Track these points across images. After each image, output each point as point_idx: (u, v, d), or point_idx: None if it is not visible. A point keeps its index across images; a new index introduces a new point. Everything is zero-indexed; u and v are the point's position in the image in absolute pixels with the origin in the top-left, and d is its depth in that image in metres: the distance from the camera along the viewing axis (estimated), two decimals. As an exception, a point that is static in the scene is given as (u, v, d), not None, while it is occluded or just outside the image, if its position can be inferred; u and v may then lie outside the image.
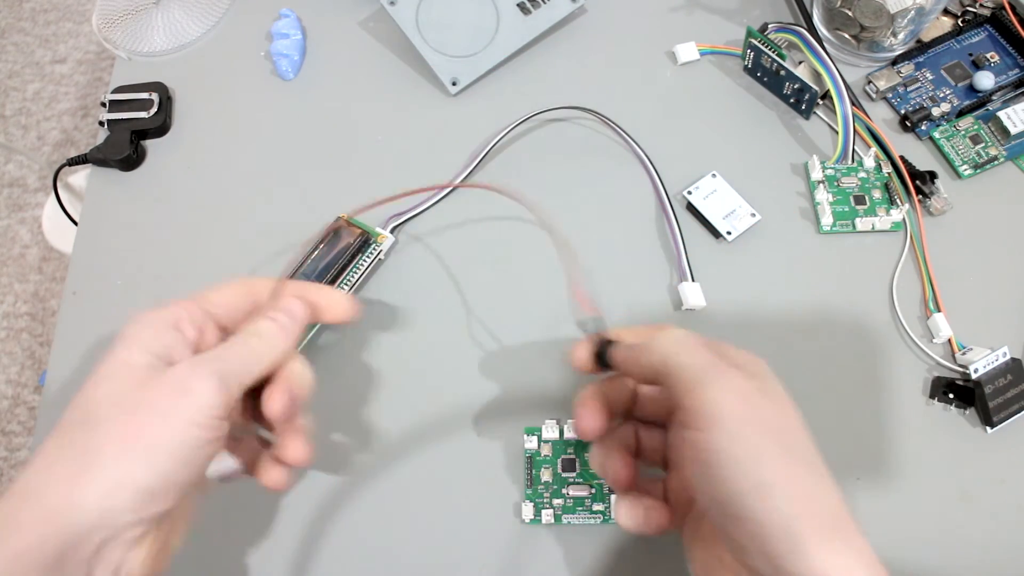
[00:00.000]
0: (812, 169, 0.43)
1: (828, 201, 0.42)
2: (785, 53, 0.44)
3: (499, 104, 0.47)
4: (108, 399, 0.25)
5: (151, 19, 0.53)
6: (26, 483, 0.24)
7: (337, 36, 0.51)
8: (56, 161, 1.30)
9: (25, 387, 1.17)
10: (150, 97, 0.48)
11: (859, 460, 0.37)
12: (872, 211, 0.42)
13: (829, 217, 0.41)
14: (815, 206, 0.42)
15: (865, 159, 0.43)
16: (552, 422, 0.38)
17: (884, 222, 0.41)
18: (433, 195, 0.44)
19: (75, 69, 1.41)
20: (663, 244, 0.43)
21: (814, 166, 0.43)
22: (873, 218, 0.41)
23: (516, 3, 0.48)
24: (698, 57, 0.48)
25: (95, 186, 0.48)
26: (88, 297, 0.44)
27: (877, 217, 0.41)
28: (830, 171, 0.43)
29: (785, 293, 0.41)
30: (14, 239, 1.27)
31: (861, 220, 0.41)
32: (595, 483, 0.36)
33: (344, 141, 0.47)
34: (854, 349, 0.39)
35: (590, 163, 0.45)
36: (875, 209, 0.42)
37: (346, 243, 0.42)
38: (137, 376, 0.26)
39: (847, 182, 0.42)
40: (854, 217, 0.42)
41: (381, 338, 0.41)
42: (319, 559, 0.36)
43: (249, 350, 0.28)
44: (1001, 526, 0.36)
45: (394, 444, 0.39)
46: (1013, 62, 0.45)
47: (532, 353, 0.40)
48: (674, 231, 0.42)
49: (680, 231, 0.42)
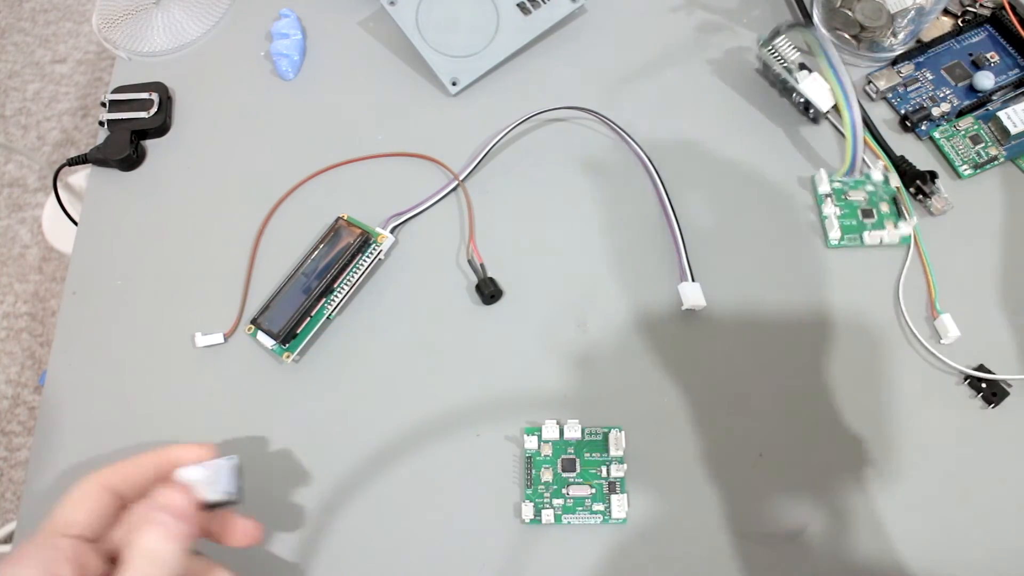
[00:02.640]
0: (819, 183, 0.43)
1: (836, 215, 0.42)
2: (793, 66, 0.43)
3: (499, 104, 0.47)
4: None
5: (151, 19, 0.53)
6: None
7: (337, 36, 0.51)
8: (56, 161, 1.30)
9: (25, 387, 1.17)
10: (150, 97, 0.48)
11: (859, 460, 0.37)
12: (880, 224, 0.41)
13: (837, 231, 0.41)
14: (823, 220, 0.42)
15: (873, 172, 0.43)
16: (552, 422, 0.38)
17: (893, 235, 0.41)
18: (434, 195, 0.44)
19: (75, 69, 1.41)
20: (664, 244, 0.42)
21: (821, 180, 0.42)
22: (881, 232, 0.41)
23: (516, 3, 0.48)
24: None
25: (95, 186, 0.48)
26: (88, 297, 0.44)
27: (885, 231, 0.41)
28: (837, 184, 0.43)
29: (788, 294, 0.41)
30: (14, 239, 1.27)
31: (869, 234, 0.41)
32: (595, 483, 0.36)
33: (344, 141, 0.47)
34: (856, 349, 0.39)
35: (590, 163, 0.45)
36: (883, 223, 0.41)
37: (346, 243, 0.42)
38: None
39: (854, 196, 0.42)
40: (862, 231, 0.41)
41: (381, 338, 0.41)
42: (320, 559, 0.36)
43: None
44: (1001, 526, 0.36)
45: (394, 444, 0.39)
46: (1013, 62, 0.45)
47: (532, 353, 0.40)
48: (674, 231, 0.42)
49: (680, 231, 0.42)
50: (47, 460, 0.40)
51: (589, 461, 0.37)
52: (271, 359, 0.41)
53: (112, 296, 0.44)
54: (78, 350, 0.42)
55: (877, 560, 0.35)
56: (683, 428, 0.38)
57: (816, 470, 0.37)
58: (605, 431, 0.37)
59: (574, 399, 0.39)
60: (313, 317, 0.40)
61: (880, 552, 0.35)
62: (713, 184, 0.44)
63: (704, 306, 0.40)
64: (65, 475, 0.39)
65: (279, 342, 0.40)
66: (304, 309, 0.40)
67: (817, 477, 0.37)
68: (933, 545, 0.35)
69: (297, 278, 0.41)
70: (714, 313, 0.41)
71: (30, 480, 0.39)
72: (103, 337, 0.43)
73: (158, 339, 0.42)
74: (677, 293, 0.41)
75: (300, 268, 0.41)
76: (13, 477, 1.12)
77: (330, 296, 0.41)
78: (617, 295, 0.41)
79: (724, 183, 0.44)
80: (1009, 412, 0.38)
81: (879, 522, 0.36)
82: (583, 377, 0.40)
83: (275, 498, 0.38)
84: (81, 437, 0.40)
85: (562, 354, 0.40)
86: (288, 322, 0.40)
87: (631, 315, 0.41)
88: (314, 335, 0.41)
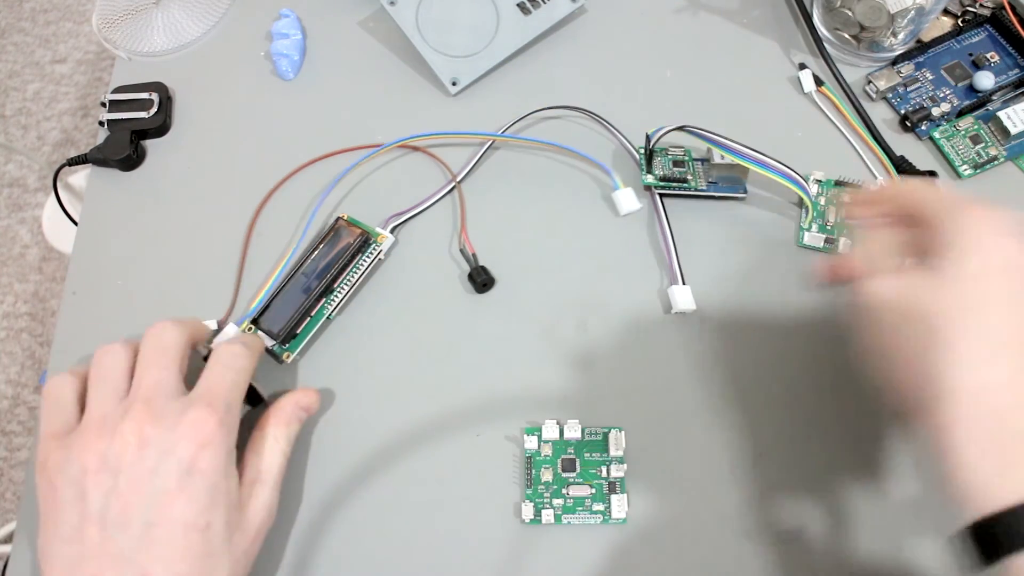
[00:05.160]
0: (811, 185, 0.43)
1: (818, 224, 0.42)
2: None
3: (499, 104, 0.47)
4: None
5: (151, 19, 0.53)
6: None
7: (337, 36, 0.51)
8: (56, 161, 1.31)
9: (25, 387, 1.17)
10: (150, 97, 0.48)
11: (859, 460, 0.37)
12: None
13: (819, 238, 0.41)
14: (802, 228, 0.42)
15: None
16: (552, 422, 0.38)
17: None
18: (433, 195, 0.44)
19: (75, 69, 1.41)
20: (654, 246, 0.42)
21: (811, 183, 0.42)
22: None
23: (516, 3, 0.48)
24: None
25: (95, 186, 0.48)
26: (88, 297, 0.44)
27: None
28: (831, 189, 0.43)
29: (788, 294, 0.41)
30: (14, 239, 1.27)
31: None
32: (595, 483, 0.36)
33: (344, 141, 0.47)
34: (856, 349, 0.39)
35: (588, 163, 0.45)
36: None
37: (346, 243, 0.42)
38: None
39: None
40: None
41: (380, 338, 0.41)
42: (319, 558, 0.36)
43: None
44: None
45: (393, 444, 0.39)
46: (1013, 62, 0.45)
47: (532, 353, 0.40)
48: (665, 233, 0.42)
49: (671, 234, 0.42)
50: (47, 460, 0.40)
51: (589, 461, 0.37)
52: (271, 359, 0.41)
53: (112, 296, 0.44)
54: (78, 350, 0.42)
55: (877, 560, 0.35)
56: (683, 428, 0.38)
57: (816, 470, 0.37)
58: (605, 431, 0.37)
59: (574, 399, 0.39)
60: (313, 317, 0.40)
61: (880, 552, 0.35)
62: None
63: (694, 309, 0.40)
64: (65, 475, 0.39)
65: (279, 342, 0.40)
66: (304, 309, 0.40)
67: (817, 477, 0.37)
68: (933, 545, 0.35)
69: (297, 278, 0.41)
70: (715, 313, 0.41)
71: (30, 480, 0.39)
72: (103, 337, 0.42)
73: (158, 339, 0.42)
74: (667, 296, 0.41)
75: (300, 268, 0.41)
76: (13, 477, 1.12)
77: (330, 296, 0.41)
78: (617, 295, 0.41)
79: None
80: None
81: (879, 522, 0.36)
82: (583, 377, 0.40)
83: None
84: (81, 437, 0.40)
85: (562, 354, 0.40)
86: (288, 322, 0.40)
87: (631, 315, 0.41)
88: (314, 335, 0.41)
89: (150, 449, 0.29)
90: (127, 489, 0.29)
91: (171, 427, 0.30)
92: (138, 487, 0.29)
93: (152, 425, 0.30)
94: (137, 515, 0.29)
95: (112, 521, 0.29)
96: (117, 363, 0.33)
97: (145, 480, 0.29)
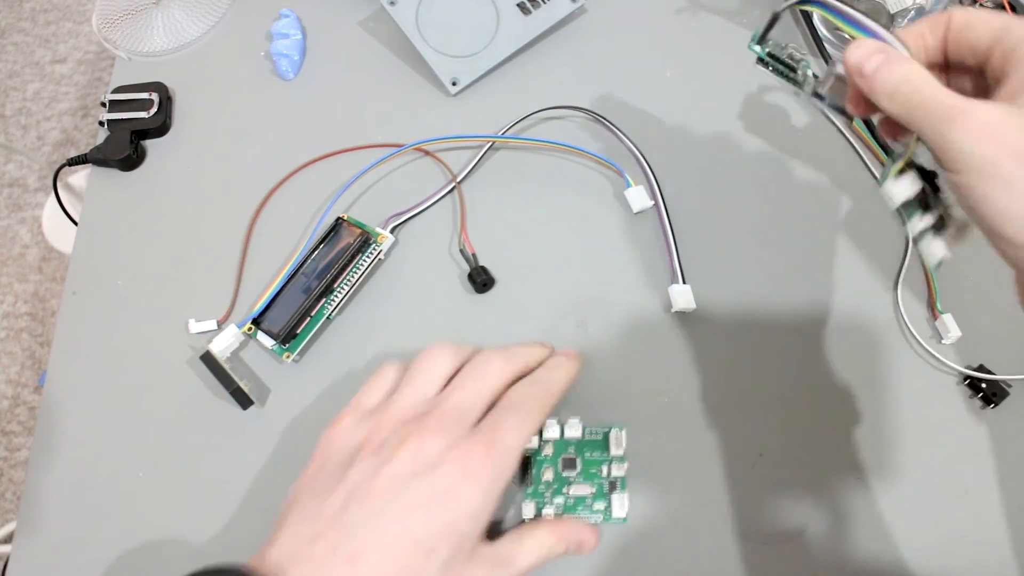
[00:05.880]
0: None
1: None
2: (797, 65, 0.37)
3: (499, 104, 0.47)
4: None
5: (151, 19, 0.53)
6: None
7: (337, 36, 0.51)
8: (56, 161, 1.31)
9: (25, 387, 1.17)
10: (150, 97, 0.48)
11: (859, 460, 0.37)
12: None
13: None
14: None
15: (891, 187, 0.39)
16: (552, 422, 0.38)
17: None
18: (433, 195, 0.44)
19: (75, 69, 1.41)
20: (654, 245, 0.42)
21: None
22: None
23: (516, 3, 0.48)
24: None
25: (95, 186, 0.48)
26: (88, 297, 0.44)
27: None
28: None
29: (788, 294, 0.41)
30: (14, 239, 1.27)
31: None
32: (596, 482, 0.37)
33: (344, 141, 0.47)
34: (856, 349, 0.39)
35: (588, 164, 0.45)
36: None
37: (346, 243, 0.42)
38: None
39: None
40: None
41: (381, 338, 0.41)
42: (319, 559, 0.36)
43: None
44: (1001, 526, 0.36)
45: (394, 444, 0.39)
46: (1013, 62, 0.45)
47: (532, 353, 0.40)
48: (667, 232, 0.42)
49: (673, 233, 0.42)
50: (47, 460, 0.40)
51: (590, 460, 0.37)
52: (271, 359, 0.41)
53: (112, 296, 0.44)
54: (78, 350, 0.42)
55: (877, 560, 0.35)
56: (684, 427, 0.38)
57: (816, 470, 0.37)
58: (606, 430, 0.37)
59: (575, 398, 0.39)
60: (313, 317, 0.40)
61: (880, 552, 0.35)
62: (712, 184, 0.44)
63: (694, 308, 0.40)
64: (65, 475, 0.39)
65: (279, 342, 0.40)
66: (304, 309, 0.40)
67: (817, 477, 0.37)
68: (933, 545, 0.35)
69: (297, 278, 0.41)
70: (716, 312, 0.41)
71: (30, 480, 0.39)
72: (103, 337, 0.43)
73: (158, 339, 0.42)
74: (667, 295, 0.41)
75: (300, 268, 0.41)
76: (13, 477, 1.12)
77: (330, 296, 0.41)
78: (617, 295, 0.41)
79: (724, 183, 0.44)
80: (1009, 412, 0.38)
81: (879, 522, 0.36)
82: (584, 376, 0.39)
83: (275, 498, 0.38)
84: (81, 437, 0.40)
85: (562, 354, 0.40)
86: (288, 322, 0.40)
87: (631, 315, 0.41)
88: (314, 335, 0.41)
89: (421, 461, 0.30)
90: (383, 480, 0.30)
91: (447, 448, 0.31)
92: (392, 484, 0.30)
93: (434, 440, 0.31)
94: (378, 503, 0.30)
95: (357, 497, 0.30)
96: (441, 367, 0.34)
97: (401, 481, 0.30)
